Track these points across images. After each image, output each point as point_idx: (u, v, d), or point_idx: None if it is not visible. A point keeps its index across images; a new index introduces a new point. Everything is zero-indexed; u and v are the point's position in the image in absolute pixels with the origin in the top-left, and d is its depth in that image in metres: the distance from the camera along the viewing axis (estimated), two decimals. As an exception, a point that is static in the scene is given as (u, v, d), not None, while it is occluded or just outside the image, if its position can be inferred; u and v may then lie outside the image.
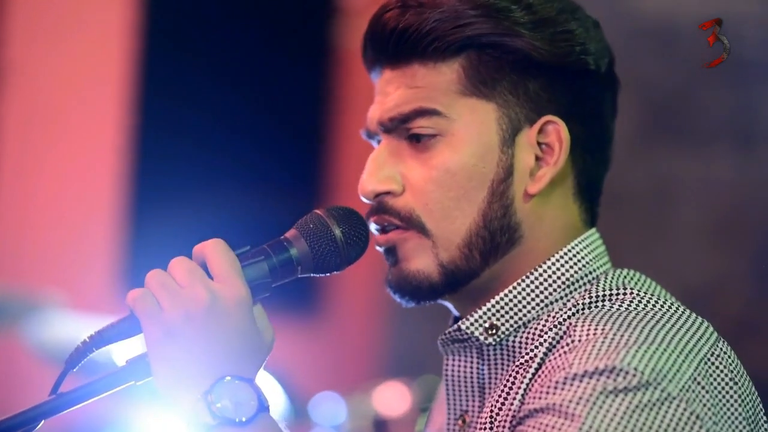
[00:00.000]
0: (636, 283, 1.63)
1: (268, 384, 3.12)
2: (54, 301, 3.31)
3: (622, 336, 1.48)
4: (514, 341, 1.61)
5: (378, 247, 1.66)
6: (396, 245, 1.64)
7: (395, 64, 1.63)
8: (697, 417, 1.44)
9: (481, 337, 1.61)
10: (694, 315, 1.57)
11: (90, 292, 3.89)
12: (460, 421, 1.66)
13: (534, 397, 1.48)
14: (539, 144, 1.62)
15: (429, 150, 1.61)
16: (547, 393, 1.46)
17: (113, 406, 3.22)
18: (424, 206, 1.61)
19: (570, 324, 1.54)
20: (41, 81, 4.39)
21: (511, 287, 1.62)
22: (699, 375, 1.48)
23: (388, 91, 1.63)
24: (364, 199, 1.65)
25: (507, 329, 1.61)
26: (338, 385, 3.49)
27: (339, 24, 4.53)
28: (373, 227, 1.65)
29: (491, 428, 1.58)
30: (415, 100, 1.61)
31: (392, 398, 3.30)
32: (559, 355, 1.50)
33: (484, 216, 1.61)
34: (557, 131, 1.61)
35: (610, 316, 1.53)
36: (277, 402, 3.13)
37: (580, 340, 1.50)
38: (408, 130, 1.63)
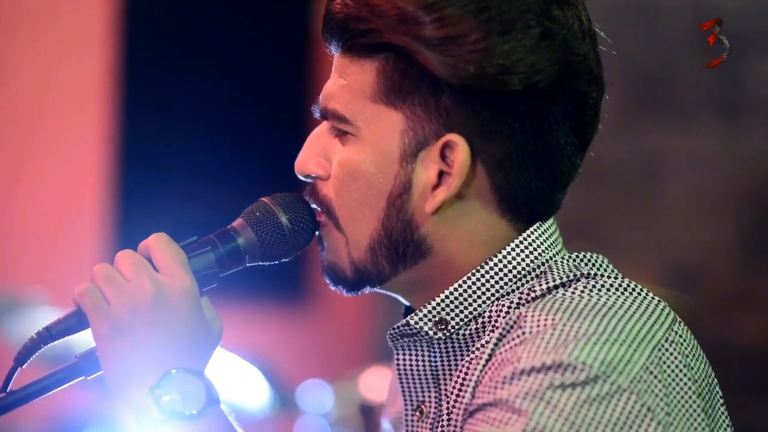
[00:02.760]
0: (589, 266, 1.60)
1: (251, 375, 3.12)
2: (38, 300, 3.31)
3: (572, 327, 1.45)
4: (464, 334, 1.58)
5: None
6: (322, 235, 1.63)
7: (337, 49, 1.62)
8: (649, 409, 1.42)
9: (431, 332, 1.58)
10: (650, 297, 1.54)
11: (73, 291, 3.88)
12: (417, 412, 1.63)
13: (483, 391, 1.46)
14: (445, 160, 1.55)
15: (344, 145, 1.59)
16: (496, 387, 1.44)
17: (99, 401, 3.22)
18: (336, 200, 1.59)
19: (520, 314, 1.51)
20: (24, 80, 4.39)
21: (461, 281, 1.57)
22: (651, 364, 1.45)
23: (331, 75, 1.62)
24: (298, 175, 1.64)
25: (457, 323, 1.58)
26: (325, 372, 3.48)
27: (318, 10, 4.51)
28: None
29: (448, 421, 1.56)
30: (335, 98, 1.58)
31: (379, 384, 3.29)
32: (510, 348, 1.47)
33: (384, 226, 1.57)
34: (457, 152, 1.54)
35: (561, 305, 1.49)
36: (261, 392, 3.13)
37: (530, 332, 1.47)
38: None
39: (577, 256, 1.61)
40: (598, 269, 1.59)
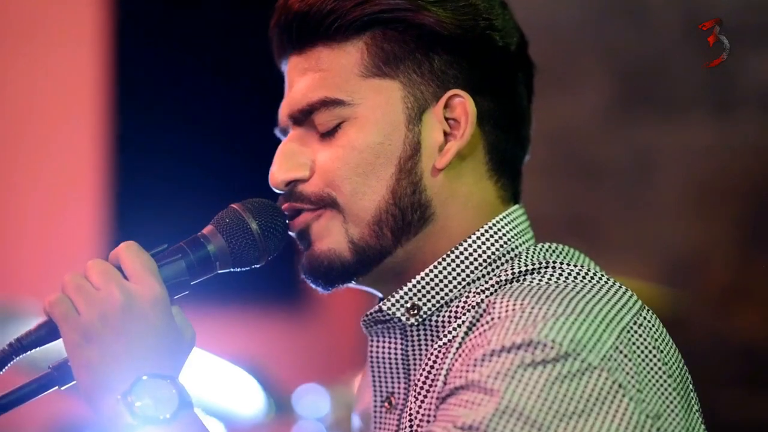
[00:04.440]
0: (558, 256, 1.62)
1: (246, 380, 3.12)
2: (31, 310, 3.31)
3: (540, 309, 1.47)
4: (436, 320, 1.60)
5: (291, 233, 1.66)
6: (308, 226, 1.63)
7: (301, 49, 1.63)
8: (620, 385, 1.43)
9: (403, 318, 1.61)
10: (617, 285, 1.56)
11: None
12: (386, 404, 1.66)
13: (455, 376, 1.47)
14: (447, 120, 1.61)
15: (335, 134, 1.61)
16: (467, 371, 1.45)
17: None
18: (332, 183, 1.61)
19: (490, 301, 1.53)
20: (16, 85, 4.40)
21: (432, 266, 1.61)
22: (621, 344, 1.46)
23: (295, 80, 1.63)
24: (276, 190, 1.65)
25: (429, 309, 1.60)
26: (321, 376, 3.48)
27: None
28: (288, 215, 1.65)
29: (418, 410, 1.57)
30: (320, 87, 1.61)
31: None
32: (480, 333, 1.49)
33: (393, 193, 1.60)
34: (463, 105, 1.60)
35: (530, 291, 1.51)
36: (257, 397, 3.13)
37: (499, 317, 1.49)
38: (315, 124, 1.63)
39: (549, 247, 1.64)
40: (565, 258, 1.62)
